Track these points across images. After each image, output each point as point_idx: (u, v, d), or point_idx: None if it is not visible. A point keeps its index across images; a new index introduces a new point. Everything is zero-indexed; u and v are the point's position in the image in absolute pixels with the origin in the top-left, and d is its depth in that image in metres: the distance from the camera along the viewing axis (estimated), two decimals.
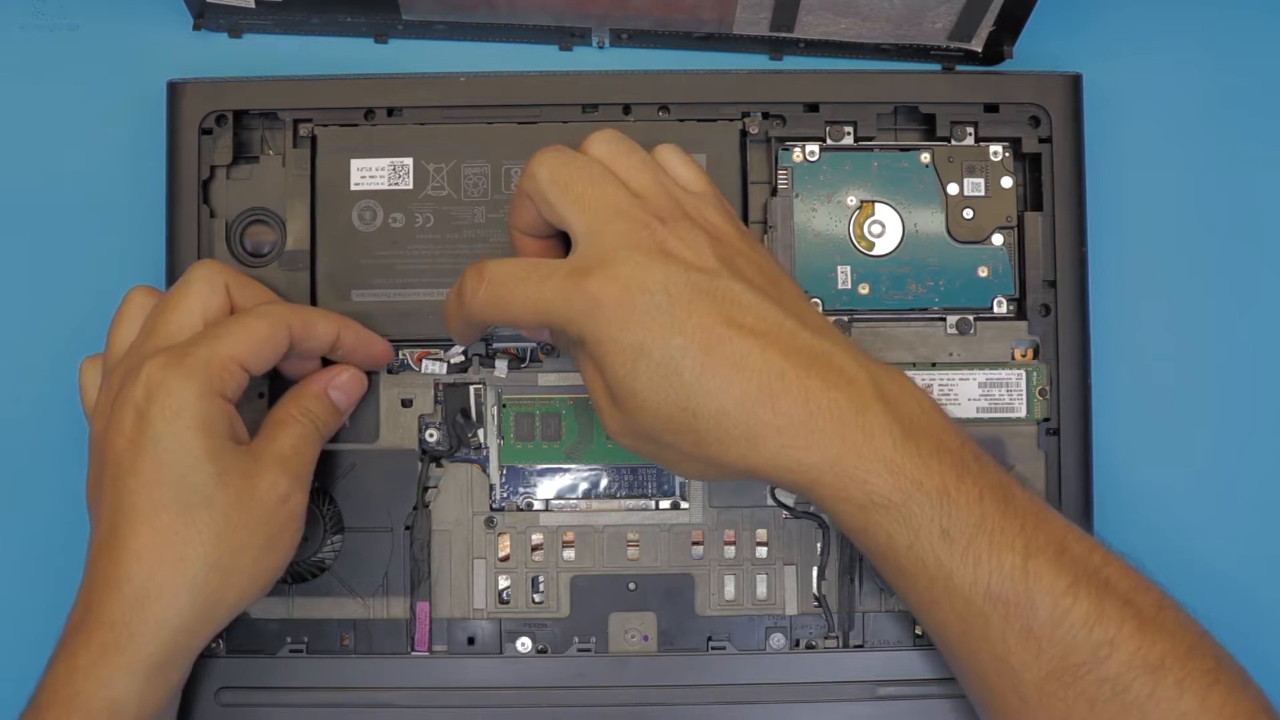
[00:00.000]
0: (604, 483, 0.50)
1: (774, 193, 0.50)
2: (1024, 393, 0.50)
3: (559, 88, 0.50)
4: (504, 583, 0.50)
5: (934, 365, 0.50)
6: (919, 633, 0.49)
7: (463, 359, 0.50)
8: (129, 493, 0.42)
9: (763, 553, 0.49)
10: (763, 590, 0.49)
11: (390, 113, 0.50)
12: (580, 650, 0.49)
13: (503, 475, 0.50)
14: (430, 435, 0.50)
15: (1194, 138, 0.53)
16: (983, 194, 0.50)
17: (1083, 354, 0.49)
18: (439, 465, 0.50)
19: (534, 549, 0.50)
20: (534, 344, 0.50)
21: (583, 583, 0.49)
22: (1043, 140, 0.50)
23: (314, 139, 0.50)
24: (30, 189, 0.53)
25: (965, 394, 0.50)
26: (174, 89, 0.50)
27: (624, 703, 0.48)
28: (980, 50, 0.51)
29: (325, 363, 0.48)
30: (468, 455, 0.50)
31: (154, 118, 0.51)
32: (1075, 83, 0.50)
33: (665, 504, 0.50)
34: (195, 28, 0.53)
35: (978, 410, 0.50)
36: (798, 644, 0.49)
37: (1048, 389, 0.49)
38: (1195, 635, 0.41)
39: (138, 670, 0.42)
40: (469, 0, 0.51)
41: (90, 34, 0.54)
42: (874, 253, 0.50)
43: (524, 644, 0.49)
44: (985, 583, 0.40)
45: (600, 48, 0.53)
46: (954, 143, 0.50)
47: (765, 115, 0.50)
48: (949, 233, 0.50)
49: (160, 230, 0.50)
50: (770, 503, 0.49)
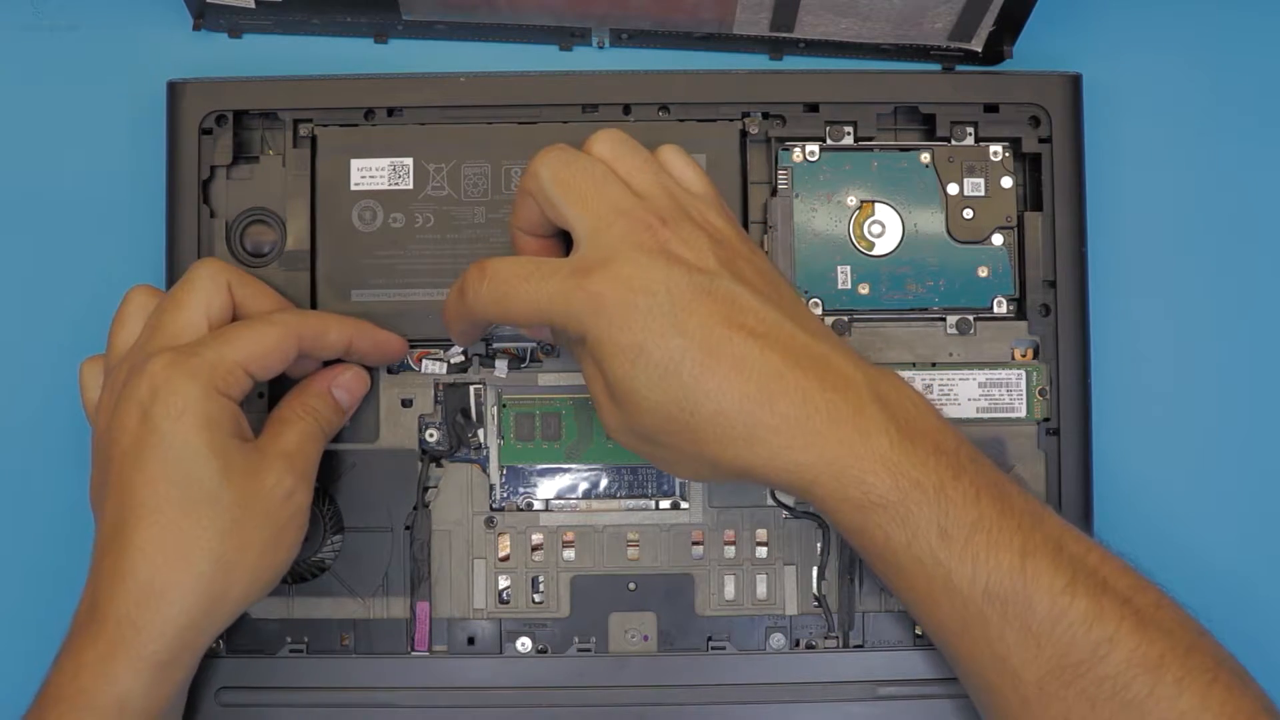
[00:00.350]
0: (604, 483, 0.50)
1: (774, 193, 0.50)
2: (1024, 393, 0.50)
3: (559, 88, 0.50)
4: (504, 583, 0.50)
5: (934, 365, 0.50)
6: (919, 633, 0.49)
7: (463, 359, 0.50)
8: (134, 489, 0.42)
9: (763, 553, 0.49)
10: (763, 590, 0.49)
11: (390, 113, 0.50)
12: (580, 650, 0.49)
13: (503, 475, 0.50)
14: (430, 435, 0.50)
15: (1194, 138, 0.53)
16: (983, 194, 0.50)
17: (1083, 354, 0.49)
18: (439, 465, 0.50)
19: (534, 549, 0.50)
20: (534, 344, 0.50)
21: (583, 583, 0.49)
22: (1043, 140, 0.50)
23: (314, 139, 0.50)
24: (30, 189, 0.53)
25: (965, 394, 0.50)
26: (174, 89, 0.50)
27: (624, 703, 0.48)
28: (980, 50, 0.51)
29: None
30: (468, 455, 0.50)
31: (154, 118, 0.51)
32: (1075, 83, 0.50)
33: (665, 504, 0.50)
34: (195, 28, 0.53)
35: (978, 410, 0.50)
36: (798, 644, 0.49)
37: (1048, 389, 0.49)
38: (1194, 634, 0.41)
39: (144, 666, 0.42)
40: (469, 0, 0.51)
41: (90, 34, 0.54)
42: (874, 253, 0.50)
43: (524, 644, 0.49)
44: (984, 581, 0.40)
45: (600, 48, 0.53)
46: (954, 143, 0.50)
47: (765, 115, 0.50)
48: (949, 233, 0.50)
49: (160, 230, 0.50)
50: (770, 503, 0.49)
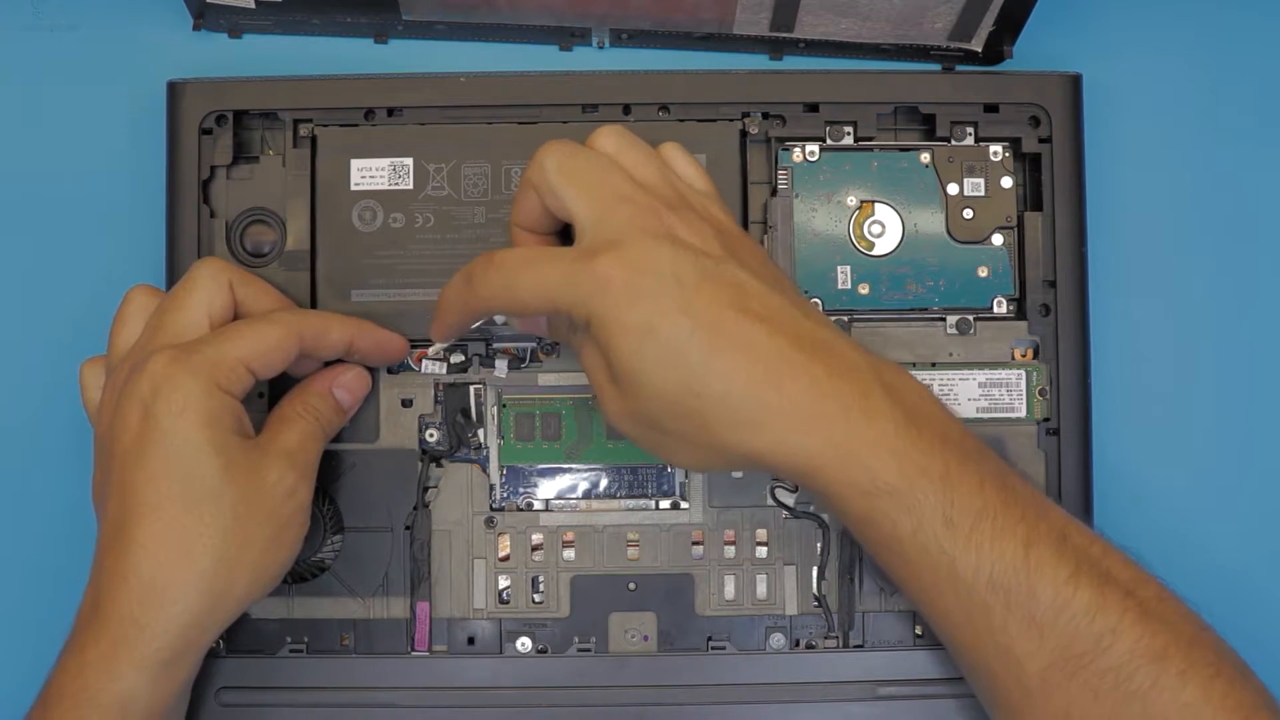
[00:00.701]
0: (604, 483, 0.50)
1: (774, 193, 0.50)
2: (1024, 393, 0.50)
3: (559, 88, 0.50)
4: (504, 583, 0.50)
5: (934, 365, 0.50)
6: (919, 633, 0.49)
7: (443, 358, 0.49)
8: (136, 487, 0.42)
9: (763, 553, 0.49)
10: (763, 590, 0.49)
11: (390, 113, 0.50)
12: (580, 650, 0.49)
13: (503, 475, 0.50)
14: (430, 435, 0.50)
15: (1194, 138, 0.53)
16: (983, 194, 0.50)
17: (1083, 354, 0.49)
18: (439, 465, 0.50)
19: (534, 549, 0.50)
20: (534, 344, 0.50)
21: (583, 583, 0.49)
22: (1043, 140, 0.50)
23: (314, 139, 0.50)
24: (30, 189, 0.53)
25: (965, 394, 0.50)
26: (174, 89, 0.50)
27: (624, 703, 0.48)
28: (980, 50, 0.51)
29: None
30: (468, 455, 0.50)
31: (154, 118, 0.51)
32: (1075, 83, 0.50)
33: (665, 504, 0.50)
34: (195, 28, 0.53)
35: (978, 410, 0.50)
36: (798, 644, 0.49)
37: (1048, 389, 0.49)
38: (1196, 627, 0.41)
39: (147, 664, 0.42)
40: (469, 0, 0.51)
41: (90, 34, 0.54)
42: (874, 253, 0.50)
43: (524, 644, 0.49)
44: (988, 571, 0.40)
45: (600, 48, 0.53)
46: (954, 143, 0.50)
47: (765, 115, 0.50)
48: (949, 233, 0.50)
49: (160, 230, 0.50)
50: (770, 503, 0.49)
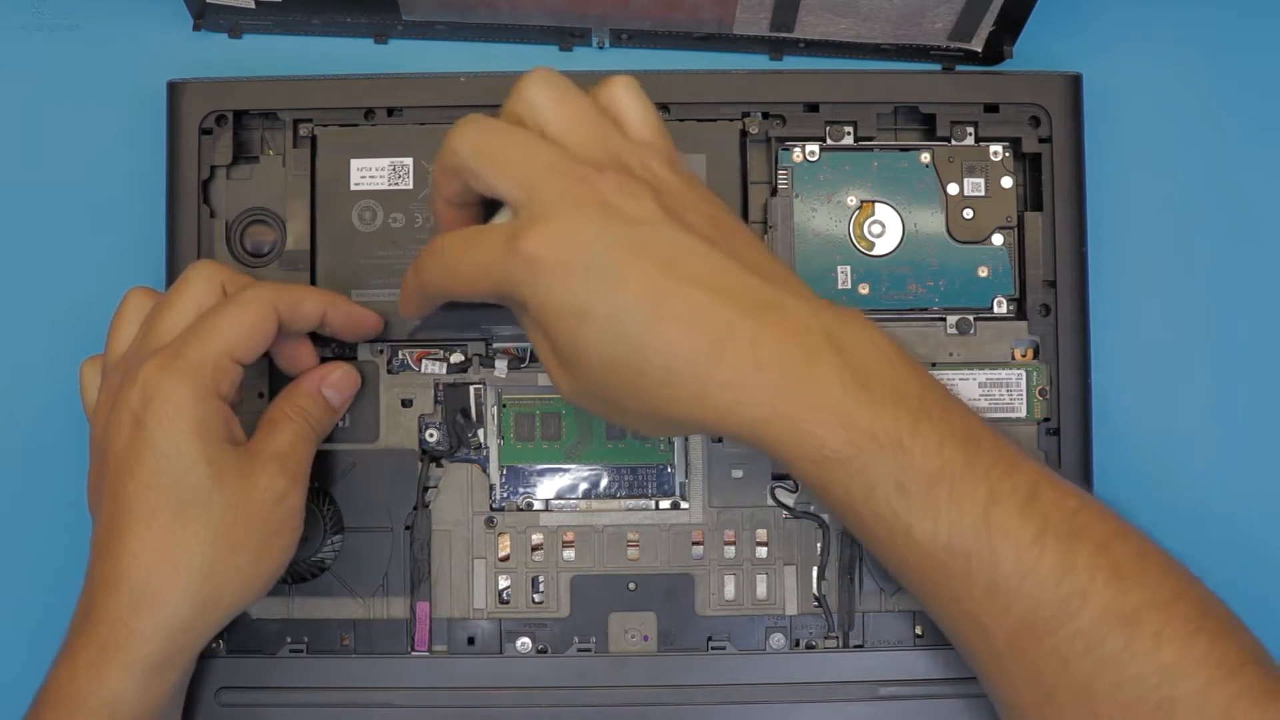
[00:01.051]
0: (604, 483, 0.50)
1: (774, 193, 0.50)
2: (1024, 393, 0.50)
3: None
4: (504, 583, 0.50)
5: (934, 365, 0.50)
6: (919, 633, 0.49)
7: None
8: (127, 495, 0.42)
9: (763, 553, 0.49)
10: (763, 590, 0.49)
11: (390, 113, 0.50)
12: (580, 650, 0.49)
13: (503, 475, 0.50)
14: (430, 435, 0.50)
15: (1194, 137, 0.53)
16: (983, 194, 0.50)
17: (1083, 354, 0.49)
18: (439, 465, 0.50)
19: (534, 549, 0.50)
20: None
21: (583, 583, 0.49)
22: (1043, 140, 0.50)
23: (314, 139, 0.50)
24: (30, 189, 0.53)
25: (965, 394, 0.50)
26: (174, 89, 0.50)
27: (624, 703, 0.48)
28: (980, 50, 0.51)
29: (320, 348, 0.49)
30: (468, 455, 0.50)
31: (154, 118, 0.51)
32: (1075, 83, 0.50)
33: (665, 504, 0.50)
34: (195, 28, 0.53)
35: (978, 410, 0.49)
36: (798, 644, 0.49)
37: (1048, 389, 0.49)
38: (1178, 582, 0.39)
39: (136, 669, 0.42)
40: (469, 0, 0.51)
41: (90, 34, 0.54)
42: (874, 253, 0.50)
43: (524, 644, 0.49)
44: (945, 536, 0.38)
45: (600, 48, 0.53)
46: (954, 143, 0.50)
47: (765, 115, 0.50)
48: (949, 233, 0.50)
49: (160, 230, 0.50)
50: (770, 503, 0.49)
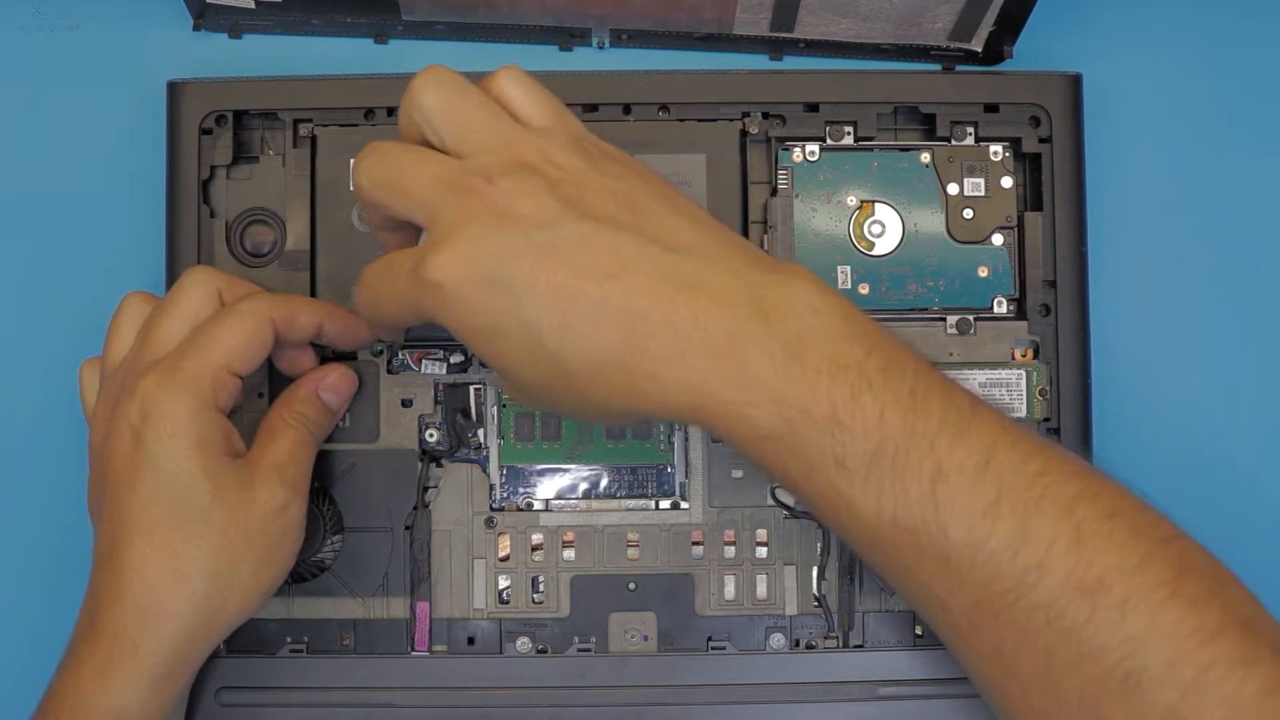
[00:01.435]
0: (604, 483, 0.50)
1: (774, 193, 0.50)
2: (1024, 393, 0.50)
3: (559, 88, 0.49)
4: (504, 583, 0.50)
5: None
6: (919, 633, 0.49)
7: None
8: (127, 510, 0.42)
9: (763, 553, 0.49)
10: (763, 590, 0.49)
11: (390, 113, 0.50)
12: (580, 650, 0.49)
13: (503, 475, 0.50)
14: (430, 435, 0.50)
15: (1193, 137, 0.53)
16: (983, 194, 0.50)
17: (1083, 354, 0.49)
18: (439, 465, 0.50)
19: (534, 549, 0.50)
20: None
21: (583, 583, 0.49)
22: (1043, 140, 0.50)
23: (314, 139, 0.50)
24: (30, 189, 0.53)
25: None
26: (174, 89, 0.50)
27: (624, 703, 0.48)
28: (980, 50, 0.51)
29: (320, 348, 0.49)
30: (468, 455, 0.50)
31: (154, 118, 0.51)
32: (1075, 83, 0.50)
33: (665, 504, 0.50)
34: (195, 28, 0.53)
35: None
36: (798, 644, 0.49)
37: (1048, 389, 0.49)
38: (1152, 543, 0.36)
39: (142, 680, 0.42)
40: (469, 0, 0.51)
41: (90, 34, 0.54)
42: (874, 253, 0.50)
43: (524, 644, 0.49)
44: (890, 512, 0.37)
45: (600, 48, 0.53)
46: (954, 143, 0.50)
47: (765, 115, 0.50)
48: (949, 233, 0.50)
49: (160, 230, 0.50)
50: (770, 503, 0.49)
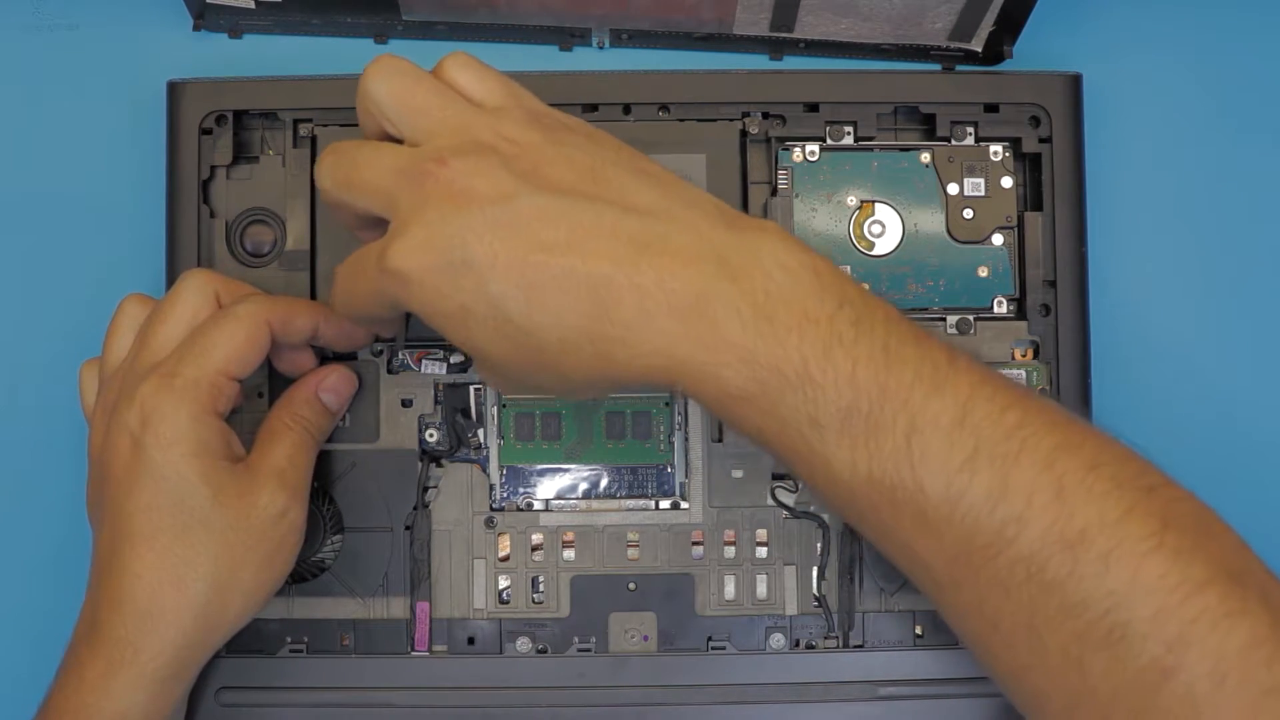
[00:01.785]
0: (604, 483, 0.50)
1: (774, 193, 0.50)
2: None
3: (559, 88, 0.50)
4: (504, 583, 0.50)
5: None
6: (919, 633, 0.49)
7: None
8: (127, 516, 0.42)
9: (763, 553, 0.49)
10: (763, 590, 0.49)
11: None
12: (580, 650, 0.49)
13: (503, 475, 0.50)
14: (430, 435, 0.50)
15: (1194, 137, 0.53)
16: (983, 194, 0.50)
17: (1083, 354, 0.49)
18: (439, 465, 0.50)
19: (534, 549, 0.50)
20: None
21: (583, 583, 0.49)
22: (1043, 140, 0.50)
23: (314, 139, 0.50)
24: (30, 189, 0.53)
25: None
26: (174, 89, 0.50)
27: (624, 703, 0.48)
28: (980, 50, 0.51)
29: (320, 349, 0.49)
30: (468, 455, 0.50)
31: (154, 118, 0.51)
32: (1075, 83, 0.50)
33: (665, 504, 0.50)
34: (195, 28, 0.53)
35: None
36: (798, 644, 0.49)
37: (1048, 389, 0.49)
38: (1136, 493, 0.36)
39: (143, 684, 0.42)
40: (469, 0, 0.51)
41: (90, 34, 0.54)
42: (874, 253, 0.50)
43: (524, 644, 0.49)
44: (865, 469, 0.36)
45: (600, 48, 0.53)
46: (954, 143, 0.50)
47: (765, 115, 0.50)
48: (949, 233, 0.50)
49: (160, 230, 0.50)
50: (770, 503, 0.49)
